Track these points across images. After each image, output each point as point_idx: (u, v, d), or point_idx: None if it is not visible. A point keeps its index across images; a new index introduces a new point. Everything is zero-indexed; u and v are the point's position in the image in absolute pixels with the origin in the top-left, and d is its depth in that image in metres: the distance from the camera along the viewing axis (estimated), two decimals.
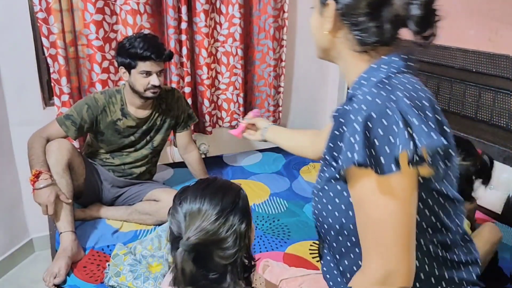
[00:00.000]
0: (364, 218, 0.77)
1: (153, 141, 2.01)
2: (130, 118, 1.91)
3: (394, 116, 0.71)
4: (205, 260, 0.87)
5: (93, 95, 1.90)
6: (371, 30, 0.79)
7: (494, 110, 2.03)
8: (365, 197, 0.76)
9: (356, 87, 0.82)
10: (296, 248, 1.71)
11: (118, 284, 1.46)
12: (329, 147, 0.82)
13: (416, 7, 0.76)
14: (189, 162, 2.17)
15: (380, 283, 0.75)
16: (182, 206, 0.89)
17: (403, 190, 0.73)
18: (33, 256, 2.39)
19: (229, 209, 0.88)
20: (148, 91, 1.84)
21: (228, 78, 2.57)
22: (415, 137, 0.70)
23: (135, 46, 1.77)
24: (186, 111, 2.11)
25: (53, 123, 1.83)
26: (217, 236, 0.86)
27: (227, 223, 0.87)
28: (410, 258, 0.76)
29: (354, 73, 0.85)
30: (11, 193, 2.24)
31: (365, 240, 0.78)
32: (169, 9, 2.24)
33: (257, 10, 2.52)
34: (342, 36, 0.84)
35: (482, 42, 2.04)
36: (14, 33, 2.05)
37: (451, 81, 2.21)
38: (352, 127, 0.74)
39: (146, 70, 1.80)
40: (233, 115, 2.66)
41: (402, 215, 0.74)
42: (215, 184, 0.94)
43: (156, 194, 1.94)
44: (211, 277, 0.88)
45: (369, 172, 0.73)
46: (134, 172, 2.01)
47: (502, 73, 1.95)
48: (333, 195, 0.86)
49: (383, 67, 0.81)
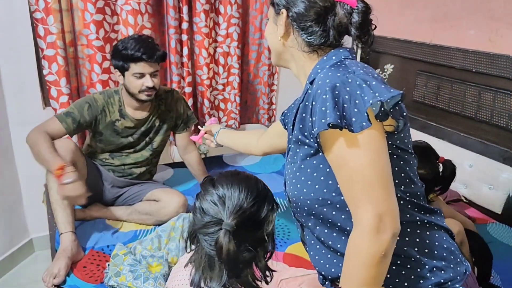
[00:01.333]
0: (347, 173, 0.84)
1: (153, 143, 2.01)
2: (128, 119, 1.91)
3: (355, 82, 0.83)
4: (242, 241, 0.92)
5: (92, 95, 1.89)
6: (318, 34, 0.94)
7: (494, 110, 2.03)
8: (345, 154, 0.84)
9: (313, 75, 0.95)
10: (296, 248, 1.71)
11: (118, 284, 1.46)
12: (299, 128, 0.93)
13: (356, 15, 0.92)
14: (189, 163, 2.17)
15: (375, 229, 0.80)
16: (218, 190, 0.94)
17: (377, 141, 0.83)
18: (33, 256, 2.39)
19: (263, 196, 0.97)
20: (143, 93, 1.82)
21: (226, 78, 2.58)
22: (377, 94, 0.81)
23: (127, 48, 1.76)
24: (186, 112, 2.10)
25: (53, 120, 1.81)
26: (255, 218, 0.94)
27: (263, 208, 0.95)
28: (395, 201, 0.84)
29: (307, 69, 0.99)
30: (11, 193, 2.24)
31: (352, 193, 0.84)
32: (170, 9, 2.24)
33: (253, 10, 2.52)
34: (293, 39, 0.98)
35: (482, 42, 2.04)
36: (14, 33, 2.05)
37: (451, 81, 2.21)
38: (321, 98, 0.84)
39: (139, 72, 1.78)
40: (231, 114, 2.66)
41: (382, 162, 0.83)
42: (245, 174, 1.02)
43: (156, 194, 1.94)
44: (244, 257, 0.94)
45: (343, 132, 0.82)
46: (134, 173, 2.01)
47: (502, 73, 1.95)
48: (310, 170, 0.94)
49: (333, 57, 0.94)
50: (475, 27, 2.07)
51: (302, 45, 0.96)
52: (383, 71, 2.67)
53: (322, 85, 0.85)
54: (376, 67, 2.71)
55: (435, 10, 2.26)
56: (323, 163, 0.91)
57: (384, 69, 2.66)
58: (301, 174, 0.96)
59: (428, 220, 0.95)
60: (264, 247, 0.97)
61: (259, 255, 0.96)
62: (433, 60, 2.27)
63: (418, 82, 2.42)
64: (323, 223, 0.96)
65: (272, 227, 0.98)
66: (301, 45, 0.97)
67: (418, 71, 2.40)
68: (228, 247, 0.88)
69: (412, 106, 2.48)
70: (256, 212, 0.93)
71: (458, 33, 2.16)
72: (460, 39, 2.14)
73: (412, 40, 2.38)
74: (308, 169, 0.94)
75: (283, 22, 0.96)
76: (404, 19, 2.46)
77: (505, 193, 1.97)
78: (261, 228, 0.95)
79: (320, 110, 0.83)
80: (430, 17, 2.29)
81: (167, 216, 1.82)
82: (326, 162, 0.89)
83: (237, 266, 0.93)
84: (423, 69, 2.36)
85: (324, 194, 0.92)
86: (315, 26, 0.93)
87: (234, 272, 0.94)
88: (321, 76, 0.88)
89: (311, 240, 1.03)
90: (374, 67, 2.72)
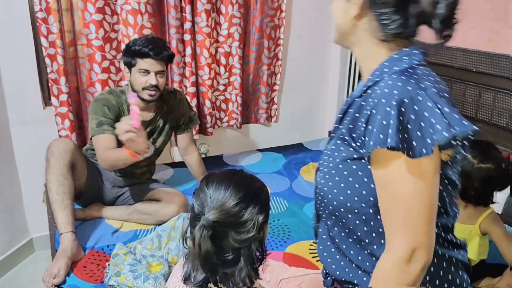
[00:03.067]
0: (391, 197, 0.80)
1: (156, 144, 2.00)
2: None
3: (425, 102, 0.75)
4: (221, 239, 0.92)
5: (100, 96, 1.86)
6: (396, 21, 0.83)
7: (494, 110, 2.03)
8: (394, 178, 0.79)
9: (378, 73, 0.85)
10: (296, 248, 1.71)
11: (118, 284, 1.46)
12: (349, 128, 0.86)
13: (443, 6, 0.81)
14: (189, 164, 2.16)
15: (406, 260, 0.78)
16: (209, 187, 0.95)
17: (431, 171, 0.78)
18: (33, 256, 2.39)
19: (251, 197, 0.94)
20: (146, 91, 1.81)
21: (227, 79, 2.58)
22: (449, 124, 0.74)
23: (136, 44, 1.78)
24: (188, 113, 2.09)
25: (97, 139, 1.78)
26: (237, 218, 0.92)
27: (248, 209, 0.93)
28: (433, 234, 0.81)
29: (372, 60, 0.89)
30: (11, 193, 2.24)
31: (390, 218, 0.81)
32: (171, 8, 2.24)
33: (254, 10, 2.52)
34: (366, 23, 0.87)
35: (482, 42, 2.04)
36: (14, 33, 2.05)
37: (451, 81, 2.21)
38: (385, 110, 0.77)
39: (145, 68, 1.79)
40: (232, 114, 2.66)
41: (429, 194, 0.78)
42: (242, 174, 1.01)
43: (156, 194, 1.94)
44: (226, 257, 0.93)
45: (399, 154, 0.76)
46: (136, 173, 2.01)
47: (502, 73, 1.95)
48: (347, 173, 0.89)
49: (405, 58, 0.84)
50: (475, 27, 2.07)
51: (376, 31, 0.86)
52: None
53: (388, 96, 0.78)
54: None
55: None
56: (362, 171, 0.86)
57: None
58: (336, 173, 0.91)
59: (450, 255, 0.91)
60: (248, 253, 0.94)
61: (247, 258, 0.93)
62: (433, 59, 2.27)
63: None
64: (343, 227, 0.93)
65: (261, 233, 0.95)
66: (374, 30, 0.86)
67: None
68: (199, 241, 0.88)
69: None
70: (238, 212, 0.92)
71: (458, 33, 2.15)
72: (460, 39, 2.14)
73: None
74: (346, 171, 0.89)
75: (359, 1, 0.85)
76: None
77: (505, 193, 1.97)
78: (244, 230, 0.92)
79: (381, 124, 0.77)
80: None
81: (168, 216, 1.82)
82: (366, 171, 0.85)
83: (211, 263, 0.92)
84: None
85: (353, 202, 0.88)
86: (394, 13, 0.82)
87: (207, 268, 0.93)
88: (389, 83, 0.80)
89: (323, 235, 1.01)
90: None
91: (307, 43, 2.80)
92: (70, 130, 2.18)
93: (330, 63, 2.93)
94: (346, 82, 2.88)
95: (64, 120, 2.16)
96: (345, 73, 2.87)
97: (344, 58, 2.84)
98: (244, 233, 0.92)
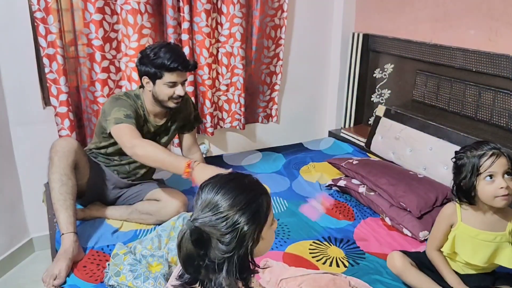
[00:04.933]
0: None
1: (161, 143, 2.00)
2: (150, 125, 1.91)
3: None
4: (205, 245, 0.90)
5: (124, 97, 1.84)
6: None
7: (494, 110, 2.03)
8: None
9: None
10: (296, 248, 1.71)
11: (118, 284, 1.46)
12: None
13: None
14: None
15: None
16: (203, 192, 0.93)
17: None
18: (33, 256, 2.39)
19: (238, 208, 0.90)
20: (171, 100, 1.82)
21: (229, 79, 2.58)
22: None
23: (161, 57, 1.74)
24: (193, 113, 2.10)
25: (123, 128, 1.72)
26: (216, 228, 0.88)
27: (231, 220, 0.89)
28: None
29: None
30: (11, 193, 2.24)
31: None
32: (169, 8, 2.24)
33: (255, 10, 2.52)
34: None
35: (482, 42, 2.04)
36: (14, 33, 2.05)
37: (451, 81, 2.21)
38: None
39: (173, 81, 1.78)
40: (235, 115, 2.66)
41: None
42: (240, 181, 0.96)
43: (157, 193, 1.94)
44: (208, 263, 0.90)
45: None
46: (138, 173, 2.00)
47: (502, 73, 1.95)
48: None
49: None
50: (475, 27, 2.07)
51: None
52: (383, 70, 2.67)
53: None
54: (376, 67, 2.71)
55: (435, 9, 2.26)
56: None
57: (384, 68, 2.66)
58: None
59: None
60: (231, 264, 0.88)
61: (229, 268, 0.89)
62: (433, 59, 2.27)
63: (417, 81, 2.42)
64: None
65: (250, 243, 0.90)
66: None
67: (418, 70, 2.40)
68: (180, 243, 0.89)
69: (411, 106, 2.49)
70: (220, 221, 0.88)
71: (458, 33, 2.16)
72: (460, 39, 2.14)
73: (412, 40, 2.38)
74: None
75: None
76: (404, 18, 2.46)
77: None
78: (224, 241, 0.88)
79: None
80: (430, 17, 2.29)
81: (168, 215, 1.82)
82: None
83: (193, 265, 0.91)
84: (422, 68, 2.36)
85: None
86: None
87: (189, 269, 0.92)
88: None
89: None
90: (374, 67, 2.72)
91: (308, 43, 2.80)
92: (70, 130, 2.18)
93: (330, 63, 2.93)
94: (346, 82, 2.88)
95: (64, 120, 2.17)
96: (345, 73, 2.86)
97: (344, 58, 2.84)
98: (224, 243, 0.88)
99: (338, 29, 2.79)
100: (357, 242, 1.79)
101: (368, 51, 2.73)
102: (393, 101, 2.63)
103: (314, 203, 2.10)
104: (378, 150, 2.53)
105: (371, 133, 2.59)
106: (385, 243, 1.79)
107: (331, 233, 1.85)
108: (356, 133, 2.78)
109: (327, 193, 2.20)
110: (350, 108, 2.90)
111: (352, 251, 1.73)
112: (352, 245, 1.77)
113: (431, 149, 2.17)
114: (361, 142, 2.70)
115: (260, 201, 0.94)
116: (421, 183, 1.98)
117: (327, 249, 1.73)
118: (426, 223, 1.79)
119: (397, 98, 2.61)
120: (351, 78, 2.83)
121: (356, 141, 2.75)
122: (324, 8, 2.77)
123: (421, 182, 1.98)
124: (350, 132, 2.81)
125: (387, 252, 1.68)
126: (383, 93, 2.70)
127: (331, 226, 1.91)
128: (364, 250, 1.73)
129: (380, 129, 2.53)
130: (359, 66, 2.76)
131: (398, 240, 1.81)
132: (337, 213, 2.01)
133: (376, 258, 1.67)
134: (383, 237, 1.83)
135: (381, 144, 2.49)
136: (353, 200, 2.13)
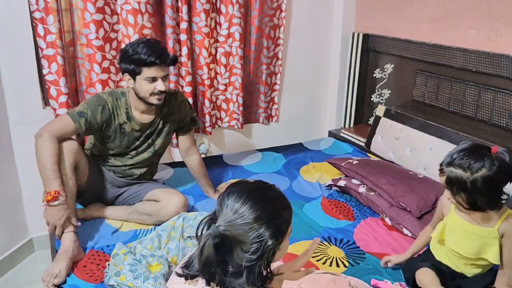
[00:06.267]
0: None
1: (155, 145, 1.99)
2: (135, 122, 1.90)
3: None
4: (227, 252, 0.92)
5: (102, 96, 1.85)
6: None
7: (494, 110, 2.03)
8: None
9: None
10: (296, 248, 1.71)
11: (118, 284, 1.46)
12: None
13: None
14: (190, 165, 2.15)
15: None
16: (229, 197, 0.95)
17: None
18: (33, 256, 2.39)
19: (265, 221, 0.92)
20: (154, 96, 1.81)
21: (228, 79, 2.58)
22: None
23: (139, 52, 1.74)
24: (189, 115, 2.08)
25: (65, 118, 1.75)
26: (243, 238, 0.91)
27: (257, 232, 0.91)
28: None
29: None
30: (11, 193, 2.24)
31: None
32: (168, 8, 2.24)
33: (254, 10, 2.52)
34: None
35: (482, 42, 2.04)
36: (14, 33, 2.05)
37: (451, 81, 2.21)
38: None
39: (151, 76, 1.77)
40: (233, 115, 2.66)
41: None
42: (267, 192, 0.98)
43: (156, 194, 1.94)
44: (229, 269, 0.93)
45: None
46: (135, 173, 2.01)
47: (502, 73, 1.95)
48: None
49: None
50: (475, 27, 2.07)
51: None
52: (383, 70, 2.67)
53: None
54: (376, 67, 2.71)
55: (435, 9, 2.26)
56: None
57: (384, 68, 2.66)
58: None
59: None
60: (251, 272, 0.91)
61: (249, 276, 0.92)
62: (432, 59, 2.27)
63: (417, 81, 2.42)
64: None
65: (271, 256, 0.93)
66: None
67: (418, 70, 2.40)
68: (202, 247, 0.89)
69: (411, 106, 2.49)
70: (246, 232, 0.91)
71: (458, 33, 2.16)
72: (460, 39, 2.14)
73: (412, 40, 2.38)
74: None
75: None
76: (404, 18, 2.46)
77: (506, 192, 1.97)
78: (248, 250, 0.91)
79: None
80: (430, 17, 2.29)
81: (167, 216, 1.82)
82: None
83: (210, 270, 0.92)
84: (422, 68, 2.36)
85: None
86: None
87: (205, 273, 0.93)
88: None
89: None
90: (374, 67, 2.72)
91: (307, 43, 2.80)
92: None
93: (330, 63, 2.93)
94: (346, 82, 2.88)
95: None
96: (345, 73, 2.87)
97: (344, 58, 2.84)
98: (249, 253, 0.91)
99: (338, 29, 2.80)
100: (357, 242, 1.79)
101: (368, 51, 2.73)
102: (393, 101, 2.63)
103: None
104: (378, 150, 2.53)
105: (371, 133, 2.59)
106: (385, 243, 1.79)
107: (331, 233, 1.85)
108: (356, 133, 2.78)
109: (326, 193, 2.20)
110: (350, 108, 2.90)
111: (352, 251, 1.73)
112: (352, 245, 1.78)
113: (431, 149, 2.17)
114: (361, 142, 2.70)
115: (285, 216, 0.97)
116: (421, 183, 1.98)
117: (327, 249, 1.73)
118: (426, 223, 1.78)
119: (397, 98, 2.61)
120: (351, 78, 2.83)
121: (356, 141, 2.75)
122: (324, 8, 2.77)
123: (421, 182, 1.98)
124: (350, 132, 2.81)
125: (387, 252, 1.68)
126: (383, 93, 2.70)
127: (331, 226, 1.91)
128: (364, 250, 1.73)
129: (380, 129, 2.53)
130: (359, 66, 2.76)
131: (398, 240, 1.81)
132: (337, 213, 2.01)
133: (376, 258, 1.67)
134: (383, 237, 1.83)
135: (381, 144, 2.49)
136: (353, 200, 2.13)
